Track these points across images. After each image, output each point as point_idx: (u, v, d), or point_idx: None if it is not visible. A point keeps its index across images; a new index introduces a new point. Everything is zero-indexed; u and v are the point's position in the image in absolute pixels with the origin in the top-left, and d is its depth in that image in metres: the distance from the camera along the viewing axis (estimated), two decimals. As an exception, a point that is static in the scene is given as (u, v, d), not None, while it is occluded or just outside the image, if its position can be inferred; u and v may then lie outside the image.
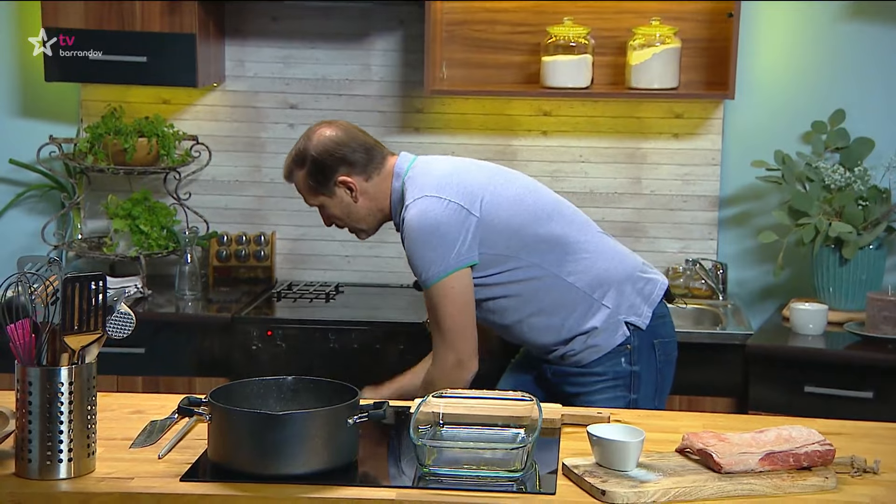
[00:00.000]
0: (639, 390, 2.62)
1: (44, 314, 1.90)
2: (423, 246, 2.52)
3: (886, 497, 1.88)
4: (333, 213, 2.64)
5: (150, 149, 3.55)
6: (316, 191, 2.62)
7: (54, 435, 1.88)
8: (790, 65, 3.51)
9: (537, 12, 3.54)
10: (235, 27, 3.68)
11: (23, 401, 1.89)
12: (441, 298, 2.53)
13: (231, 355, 3.30)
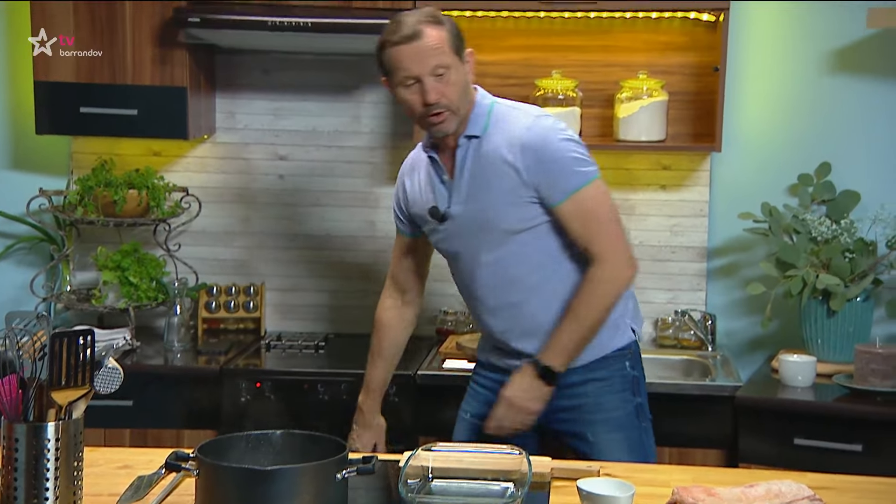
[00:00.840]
0: (641, 395, 2.61)
1: (31, 370, 1.89)
2: (574, 149, 2.48)
3: (876, 553, 1.87)
4: (452, 83, 2.46)
5: (140, 200, 3.55)
6: (456, 50, 2.47)
7: (40, 492, 1.86)
8: (776, 118, 3.53)
9: (526, 65, 3.58)
10: (226, 80, 3.71)
11: (9, 457, 1.87)
12: (602, 195, 2.49)
13: (220, 407, 3.28)
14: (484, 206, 2.51)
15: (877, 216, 3.31)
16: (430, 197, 2.59)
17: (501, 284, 2.56)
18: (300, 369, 3.34)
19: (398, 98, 2.53)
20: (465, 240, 2.56)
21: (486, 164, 2.51)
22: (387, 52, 2.49)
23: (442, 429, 3.17)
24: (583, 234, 2.49)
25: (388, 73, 2.52)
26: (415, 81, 2.45)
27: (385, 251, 3.72)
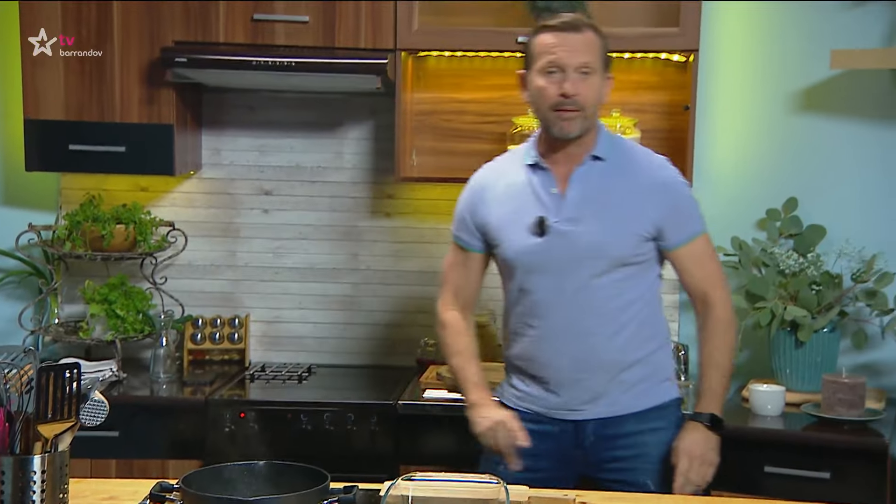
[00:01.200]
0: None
1: (18, 403, 1.87)
2: (693, 198, 2.55)
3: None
4: (592, 86, 2.43)
5: (127, 235, 3.53)
6: (604, 62, 2.47)
7: (26, 523, 1.84)
8: (745, 155, 3.54)
9: (503, 103, 3.58)
10: (212, 117, 3.70)
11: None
12: (711, 244, 2.56)
13: (205, 437, 3.24)
14: (601, 230, 2.44)
15: (842, 250, 3.32)
16: (530, 208, 2.48)
17: (585, 314, 2.47)
18: (284, 399, 3.31)
19: (532, 86, 2.46)
20: (560, 260, 2.46)
21: (615, 189, 2.46)
22: (540, 36, 2.44)
23: (422, 457, 3.17)
24: (702, 277, 2.52)
25: (532, 58, 2.45)
26: (558, 70, 2.40)
27: (367, 283, 3.72)
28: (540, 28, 2.46)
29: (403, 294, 3.72)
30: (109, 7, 3.37)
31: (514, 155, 2.62)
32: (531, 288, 2.50)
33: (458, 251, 2.66)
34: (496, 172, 2.59)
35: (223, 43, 3.35)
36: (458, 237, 2.64)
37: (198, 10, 3.35)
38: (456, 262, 2.67)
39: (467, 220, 2.61)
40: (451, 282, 2.68)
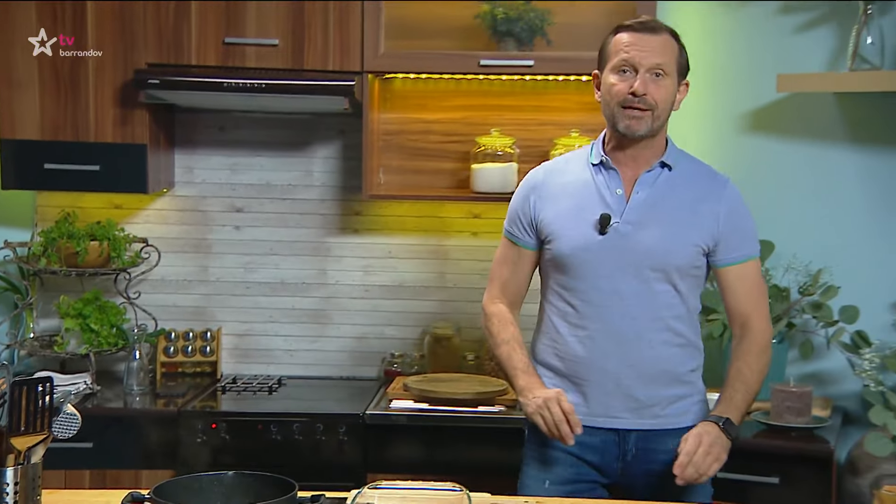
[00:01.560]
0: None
1: (-9, 416, 1.86)
2: (753, 221, 2.48)
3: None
4: (664, 88, 2.34)
5: (101, 251, 3.52)
6: (679, 68, 2.38)
7: (-1, 535, 1.83)
8: (698, 173, 3.58)
9: (467, 124, 3.60)
10: (185, 137, 3.69)
11: (-31, 501, 1.84)
12: (761, 272, 2.49)
13: (177, 448, 3.23)
14: (662, 236, 2.34)
15: (789, 265, 3.35)
16: (594, 205, 2.38)
17: (637, 320, 2.36)
18: (254, 410, 3.30)
19: (604, 84, 2.38)
20: (618, 262, 2.35)
21: (680, 198, 2.38)
22: (618, 36, 2.36)
23: (390, 466, 3.17)
24: (746, 300, 2.42)
25: (606, 57, 2.37)
26: (631, 70, 2.32)
27: (335, 297, 3.72)
28: (617, 27, 2.39)
29: (371, 308, 3.72)
30: (84, 30, 3.36)
31: (578, 154, 2.52)
32: (584, 288, 2.39)
33: (509, 247, 2.54)
34: (555, 170, 2.49)
35: (195, 65, 3.35)
36: (510, 233, 2.53)
37: (170, 34, 3.35)
38: (506, 257, 2.54)
39: (520, 215, 2.49)
40: (498, 277, 2.56)
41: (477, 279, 3.68)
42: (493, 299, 2.57)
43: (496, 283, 2.57)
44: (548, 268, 2.48)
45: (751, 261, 2.44)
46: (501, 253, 2.57)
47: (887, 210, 3.37)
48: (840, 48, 3.34)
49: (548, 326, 2.48)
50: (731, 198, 2.44)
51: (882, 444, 2.89)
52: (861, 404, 3.29)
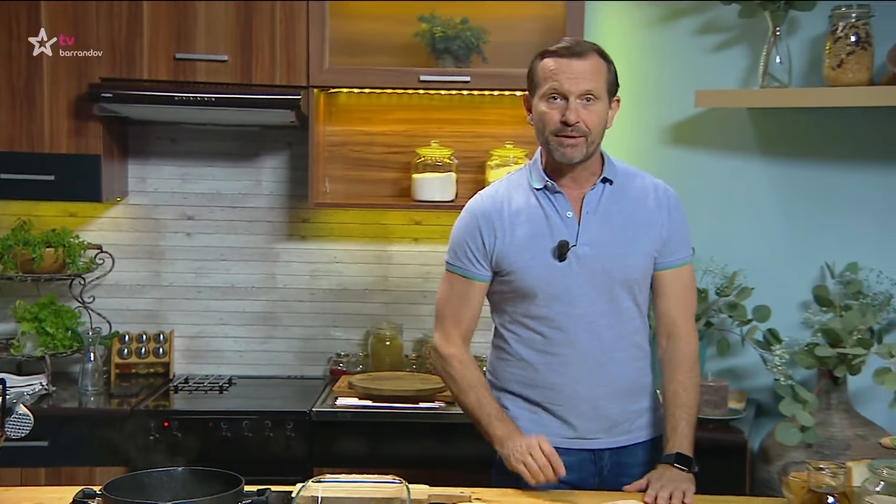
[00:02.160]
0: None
1: (-54, 417, 1.83)
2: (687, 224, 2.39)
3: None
4: (596, 113, 2.24)
5: (56, 258, 3.47)
6: (608, 88, 2.27)
7: (-46, 531, 1.80)
8: (623, 183, 3.61)
9: (408, 136, 3.61)
10: (138, 148, 3.65)
11: (-76, 499, 1.81)
12: (694, 277, 2.37)
13: (130, 446, 3.18)
14: (621, 252, 2.26)
15: (707, 267, 3.40)
16: (547, 232, 2.26)
17: (605, 340, 2.28)
18: (205, 409, 3.28)
19: (535, 111, 2.27)
20: (582, 285, 2.25)
21: (626, 211, 2.29)
22: (544, 62, 2.24)
23: (335, 461, 3.17)
24: (677, 305, 2.33)
25: (535, 83, 2.25)
26: (560, 98, 2.21)
27: (283, 301, 3.71)
28: (543, 52, 2.26)
29: (318, 310, 3.72)
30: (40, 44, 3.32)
31: (514, 180, 2.36)
32: (552, 315, 2.27)
33: (457, 282, 2.34)
34: (498, 198, 2.33)
35: (147, 80, 3.32)
36: (459, 267, 2.34)
37: (123, 49, 3.32)
38: (455, 293, 2.35)
39: (470, 248, 2.32)
40: (451, 315, 2.35)
41: (419, 282, 3.70)
42: (447, 339, 2.36)
43: (448, 320, 2.36)
44: (507, 299, 2.34)
45: (686, 265, 2.37)
46: (449, 289, 2.36)
47: (795, 216, 3.44)
48: (752, 67, 3.40)
49: (511, 355, 2.36)
50: (672, 202, 2.37)
51: (791, 434, 2.95)
52: (772, 397, 3.35)
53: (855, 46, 3.13)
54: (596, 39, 3.48)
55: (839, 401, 3.11)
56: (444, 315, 2.37)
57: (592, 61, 2.25)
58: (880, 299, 3.23)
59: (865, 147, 3.36)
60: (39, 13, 3.30)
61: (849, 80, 3.15)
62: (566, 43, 2.27)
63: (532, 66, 2.29)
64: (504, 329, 2.37)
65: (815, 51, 3.34)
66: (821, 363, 3.06)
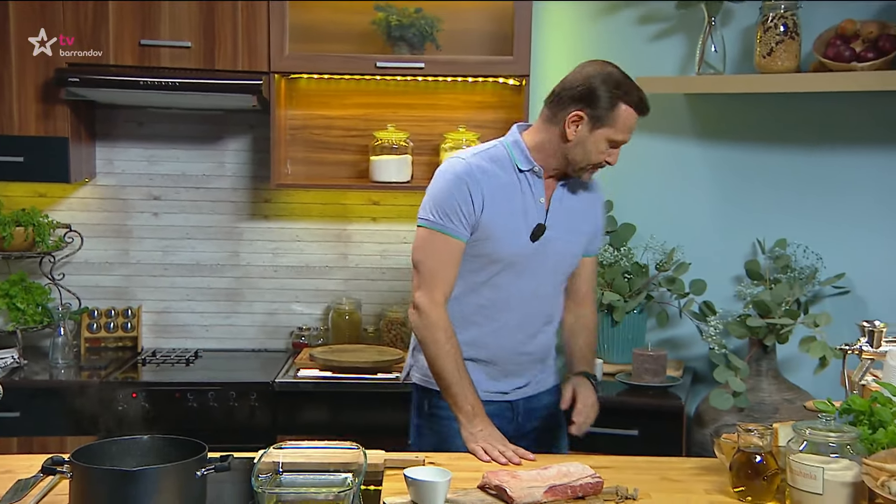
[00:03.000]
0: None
1: (-84, 390, 1.79)
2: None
3: (643, 518, 1.94)
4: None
5: (26, 236, 3.40)
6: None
7: (-76, 498, 1.76)
8: (569, 164, 3.62)
9: (366, 120, 3.59)
10: (105, 131, 3.59)
11: None
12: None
13: (100, 416, 3.14)
14: (573, 242, 2.40)
15: (648, 244, 3.42)
16: (526, 212, 2.32)
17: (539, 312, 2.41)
18: (172, 381, 3.25)
19: (594, 142, 2.27)
20: (542, 266, 2.35)
21: (581, 206, 2.41)
22: (626, 111, 2.27)
23: (297, 429, 3.16)
24: (590, 281, 2.53)
25: (610, 120, 2.26)
26: (615, 145, 2.30)
27: (247, 277, 3.67)
28: (629, 100, 2.27)
29: (280, 286, 3.69)
30: (7, 30, 3.23)
31: (494, 155, 2.34)
32: (506, 285, 2.33)
33: (442, 241, 2.28)
34: (484, 169, 2.30)
35: (113, 65, 3.26)
36: (448, 227, 2.27)
37: (89, 34, 3.25)
38: (441, 253, 2.28)
39: (463, 209, 2.27)
40: (436, 274, 2.28)
41: (377, 260, 3.68)
42: (433, 301, 2.28)
43: (434, 280, 2.28)
44: (475, 261, 2.33)
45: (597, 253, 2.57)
46: (433, 249, 2.28)
47: (729, 195, 3.48)
48: (689, 55, 3.42)
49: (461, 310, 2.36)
50: (601, 200, 2.52)
51: (724, 399, 2.99)
52: (708, 365, 3.39)
53: (784, 36, 3.16)
54: (543, 30, 3.50)
55: (768, 368, 3.16)
56: (431, 276, 2.29)
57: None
58: (807, 273, 3.27)
59: (794, 130, 3.40)
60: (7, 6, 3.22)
61: (778, 68, 3.18)
62: (643, 101, 2.31)
63: (612, 101, 2.26)
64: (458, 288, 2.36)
65: (747, 40, 3.36)
66: (752, 333, 3.11)
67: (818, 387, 3.14)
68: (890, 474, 1.83)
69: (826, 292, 3.35)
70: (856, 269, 3.32)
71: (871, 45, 3.10)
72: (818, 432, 1.94)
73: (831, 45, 3.14)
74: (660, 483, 2.11)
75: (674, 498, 2.03)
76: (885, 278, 3.30)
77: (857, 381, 2.23)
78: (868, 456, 1.91)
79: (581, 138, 2.28)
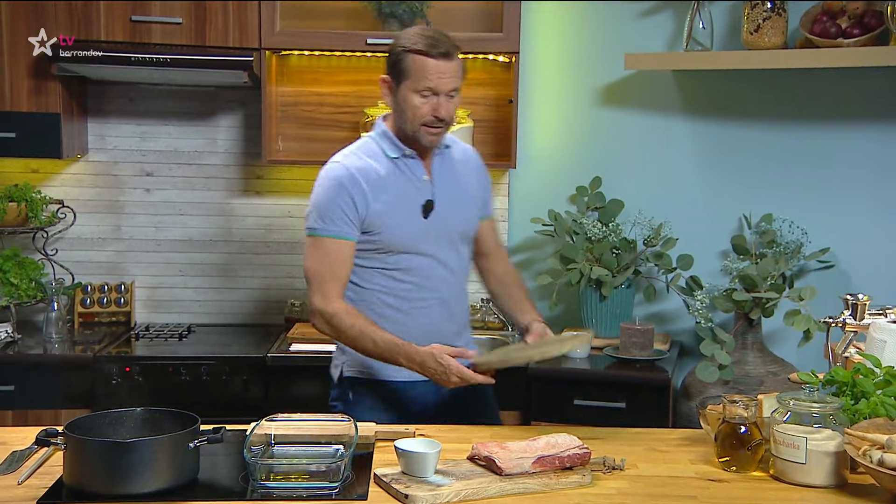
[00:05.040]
0: None
1: None
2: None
3: (629, 489, 1.95)
4: (455, 104, 2.34)
5: (19, 212, 3.38)
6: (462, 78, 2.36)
7: (-81, 470, 1.76)
8: (559, 141, 3.61)
9: (356, 96, 3.57)
10: (97, 106, 3.56)
11: None
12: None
13: (94, 389, 3.15)
14: (464, 210, 2.44)
15: (636, 220, 3.42)
16: (411, 194, 2.35)
17: (454, 286, 2.44)
18: (165, 355, 3.24)
19: (404, 100, 2.30)
20: (435, 238, 2.37)
21: (463, 172, 2.47)
22: (413, 58, 2.27)
23: (290, 402, 3.16)
24: (495, 238, 2.59)
25: (405, 74, 2.28)
26: (431, 94, 2.28)
27: (240, 253, 3.66)
28: (412, 49, 2.28)
29: (272, 262, 3.68)
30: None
31: (367, 149, 2.39)
32: (418, 266, 2.37)
33: (331, 245, 2.33)
34: (362, 167, 2.35)
35: (104, 41, 3.23)
36: (333, 231, 2.33)
37: (80, 11, 3.22)
38: (330, 256, 2.33)
39: (345, 212, 2.31)
40: (328, 277, 2.32)
41: (366, 235, 3.67)
42: (327, 299, 2.32)
43: (327, 283, 2.32)
44: (371, 256, 2.37)
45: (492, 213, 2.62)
46: (322, 254, 2.33)
47: (716, 171, 3.48)
48: (677, 31, 3.41)
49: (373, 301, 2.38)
50: (482, 166, 2.57)
51: (710, 372, 3.01)
52: (694, 338, 3.40)
53: (770, 13, 3.15)
54: (533, 7, 3.48)
55: (754, 341, 3.17)
56: (322, 279, 2.33)
57: (458, 63, 2.32)
58: (792, 247, 3.28)
59: (780, 106, 3.39)
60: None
61: (765, 44, 3.17)
62: (433, 41, 2.29)
63: (401, 56, 2.30)
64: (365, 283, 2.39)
65: (734, 17, 3.35)
66: (738, 307, 3.12)
67: (802, 359, 3.16)
68: (871, 444, 1.84)
69: (811, 266, 3.36)
70: (840, 243, 3.33)
71: (857, 21, 3.09)
72: (802, 403, 1.95)
73: (818, 21, 3.13)
74: (646, 454, 2.12)
75: (660, 468, 2.04)
76: (869, 253, 3.31)
77: (840, 354, 2.24)
78: (850, 426, 1.92)
79: (396, 102, 2.34)
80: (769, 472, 1.99)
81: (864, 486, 1.91)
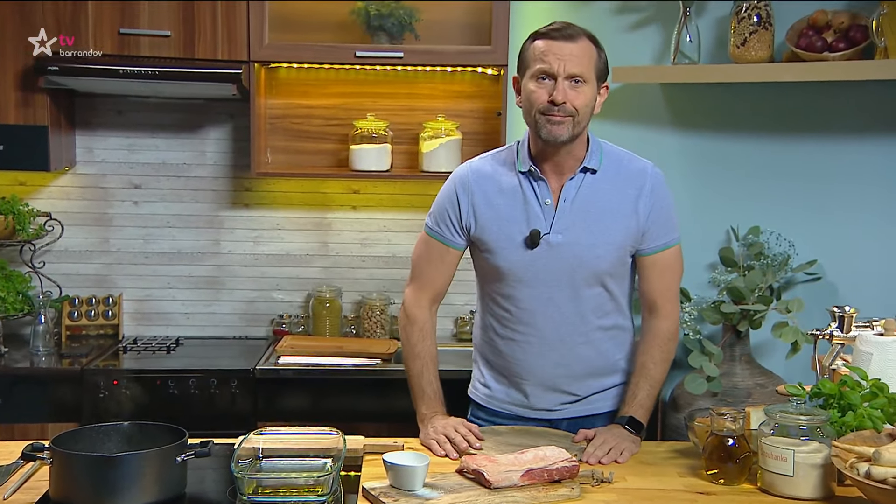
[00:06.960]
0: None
1: None
2: (673, 207, 2.26)
3: (618, 501, 1.95)
4: (583, 94, 2.12)
5: (6, 224, 3.37)
6: (597, 73, 2.15)
7: None
8: (547, 153, 3.63)
9: (345, 109, 3.58)
10: (85, 119, 3.56)
11: None
12: (681, 256, 2.24)
13: (82, 403, 3.14)
14: (590, 243, 2.17)
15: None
16: (524, 218, 2.18)
17: (570, 324, 2.21)
18: (153, 368, 3.23)
19: (524, 91, 2.16)
20: (550, 272, 2.18)
21: (605, 202, 2.18)
22: (535, 43, 2.13)
23: (277, 416, 3.15)
24: (660, 287, 2.24)
25: (525, 63, 2.14)
26: (549, 78, 2.10)
27: (228, 265, 3.66)
28: (534, 34, 2.16)
29: (260, 274, 3.68)
30: (-14, 19, 3.21)
31: (503, 157, 2.26)
32: (519, 296, 2.22)
33: (435, 246, 2.27)
34: (483, 173, 2.23)
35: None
36: (439, 233, 2.27)
37: (68, 23, 3.22)
38: (432, 257, 2.27)
39: (450, 215, 2.24)
40: (425, 277, 2.28)
41: (357, 248, 3.67)
42: (417, 300, 2.30)
43: (422, 280, 2.29)
44: (482, 273, 2.29)
45: (672, 247, 2.26)
46: (426, 250, 2.29)
47: (703, 184, 3.49)
48: (664, 45, 3.43)
49: (485, 324, 2.32)
50: (655, 187, 2.24)
51: (698, 384, 3.01)
52: (683, 350, 3.39)
53: (757, 26, 3.17)
54: (521, 20, 3.49)
55: (742, 353, 3.18)
56: (420, 275, 2.31)
57: (582, 45, 2.13)
58: (779, 260, 3.29)
59: (767, 119, 3.41)
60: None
61: (752, 58, 3.19)
62: (557, 25, 2.16)
63: (523, 48, 2.19)
64: (482, 300, 2.34)
65: (721, 30, 3.37)
66: (726, 319, 3.13)
67: (790, 371, 3.17)
68: (858, 456, 1.85)
69: (798, 279, 3.38)
70: (827, 256, 3.35)
71: (843, 35, 3.12)
72: (789, 416, 1.96)
73: (803, 35, 3.16)
74: (635, 466, 2.13)
75: (648, 481, 2.05)
76: (856, 265, 3.33)
77: (827, 366, 2.25)
78: (837, 438, 1.93)
79: (522, 99, 2.20)
80: (757, 484, 1.99)
81: (851, 499, 1.92)
